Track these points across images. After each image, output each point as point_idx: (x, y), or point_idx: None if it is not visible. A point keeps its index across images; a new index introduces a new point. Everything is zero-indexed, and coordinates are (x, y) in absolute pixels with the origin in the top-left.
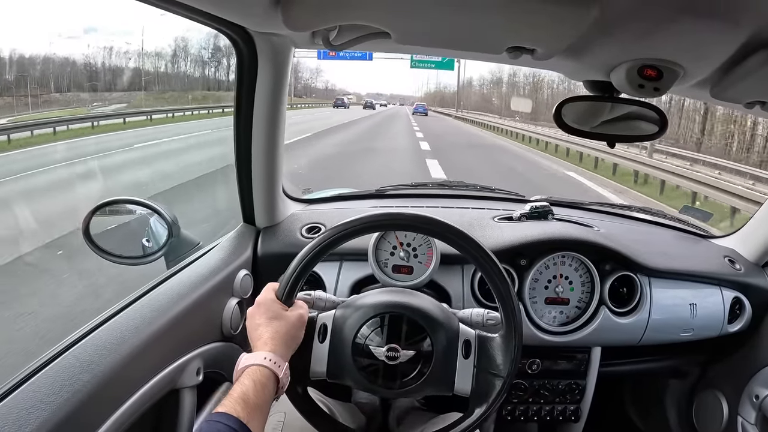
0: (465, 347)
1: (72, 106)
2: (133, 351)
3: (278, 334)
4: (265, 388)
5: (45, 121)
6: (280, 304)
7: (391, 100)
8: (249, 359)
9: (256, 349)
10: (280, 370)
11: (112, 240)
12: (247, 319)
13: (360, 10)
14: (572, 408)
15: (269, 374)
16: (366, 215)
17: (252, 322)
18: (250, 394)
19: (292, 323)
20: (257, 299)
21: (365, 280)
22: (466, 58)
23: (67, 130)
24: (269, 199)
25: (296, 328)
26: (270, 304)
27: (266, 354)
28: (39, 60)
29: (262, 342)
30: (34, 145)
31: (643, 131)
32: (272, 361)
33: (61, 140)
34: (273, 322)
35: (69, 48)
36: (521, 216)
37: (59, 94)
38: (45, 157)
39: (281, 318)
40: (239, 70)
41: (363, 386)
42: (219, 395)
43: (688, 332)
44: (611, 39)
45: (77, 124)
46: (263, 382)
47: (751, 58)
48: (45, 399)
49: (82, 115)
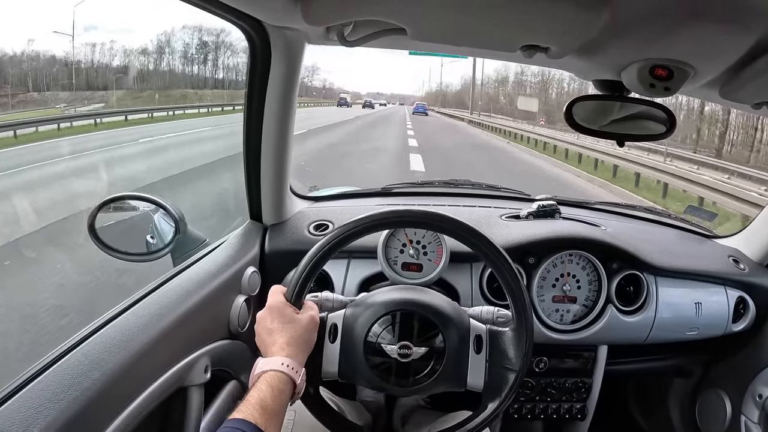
0: (476, 342)
1: (48, 106)
2: (142, 348)
3: (293, 339)
4: (283, 393)
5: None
6: (291, 307)
7: (391, 99)
8: (266, 364)
9: (271, 354)
10: (298, 376)
11: (117, 236)
12: (257, 324)
13: (378, 5)
14: (578, 406)
15: (287, 380)
16: (376, 212)
17: (263, 326)
18: (268, 400)
19: (306, 326)
20: (268, 303)
21: (373, 277)
22: (479, 56)
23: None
24: (277, 196)
25: (310, 331)
26: (282, 308)
27: (283, 359)
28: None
29: (278, 347)
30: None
31: (651, 131)
32: (290, 366)
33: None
34: (287, 326)
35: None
36: (529, 214)
37: (38, 93)
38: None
39: (295, 322)
40: (251, 65)
41: (375, 385)
42: (226, 393)
43: (693, 331)
44: (624, 39)
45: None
46: (281, 387)
47: (760, 60)
48: (53, 398)
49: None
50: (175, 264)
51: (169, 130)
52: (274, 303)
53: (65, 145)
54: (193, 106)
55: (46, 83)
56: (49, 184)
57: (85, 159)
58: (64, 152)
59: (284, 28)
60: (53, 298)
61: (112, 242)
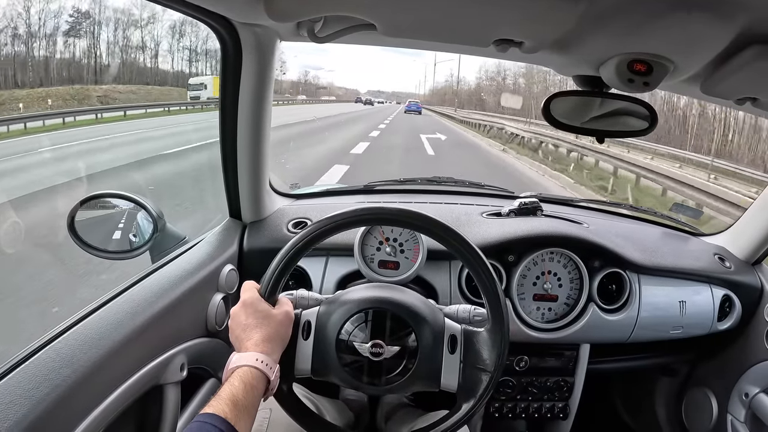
0: (451, 342)
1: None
2: (115, 346)
3: (268, 335)
4: (255, 389)
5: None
6: (266, 303)
7: (390, 98)
8: (240, 360)
9: (245, 350)
10: (272, 372)
11: (97, 234)
12: (231, 319)
13: (344, 1)
14: (561, 405)
15: (260, 376)
16: (350, 209)
17: (237, 321)
18: (240, 396)
19: (281, 322)
20: (242, 299)
21: (352, 275)
22: (452, 52)
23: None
24: (255, 194)
25: (285, 327)
26: (257, 303)
27: (258, 355)
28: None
29: (252, 343)
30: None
31: (633, 127)
32: (264, 363)
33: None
34: (263, 322)
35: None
36: (510, 212)
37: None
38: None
39: (270, 318)
40: (223, 63)
41: (348, 383)
42: (204, 391)
43: (677, 330)
44: (600, 32)
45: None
46: (253, 384)
47: (742, 53)
48: (25, 394)
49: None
50: (153, 261)
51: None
52: (248, 298)
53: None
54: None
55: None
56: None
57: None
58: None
59: (253, 26)
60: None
61: (91, 239)
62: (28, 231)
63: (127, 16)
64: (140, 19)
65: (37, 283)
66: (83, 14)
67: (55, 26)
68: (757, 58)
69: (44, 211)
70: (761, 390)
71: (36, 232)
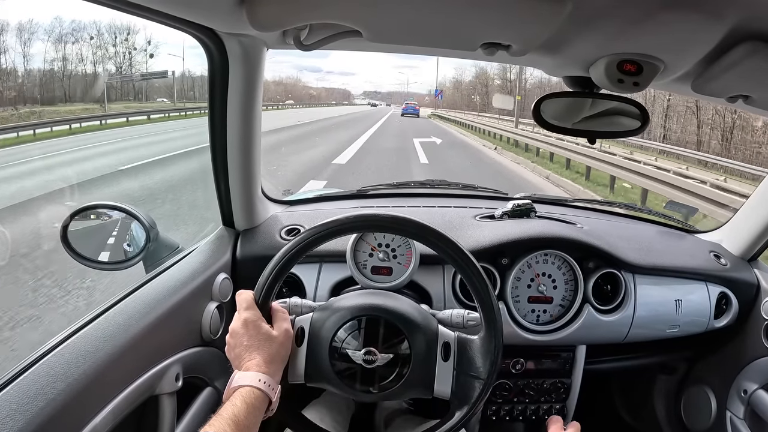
0: (444, 350)
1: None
2: (109, 358)
3: (271, 357)
4: (257, 410)
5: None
6: (266, 323)
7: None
8: (242, 379)
9: (247, 369)
10: (274, 393)
11: (90, 245)
12: (231, 337)
13: (327, 9)
14: (558, 407)
15: (263, 397)
16: (341, 217)
17: (239, 341)
18: (241, 416)
19: (282, 343)
20: (243, 317)
21: (345, 281)
22: (440, 56)
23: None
24: (248, 202)
25: (285, 348)
26: (259, 325)
27: (261, 376)
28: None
29: (254, 363)
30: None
31: (624, 127)
32: (266, 383)
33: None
34: (264, 344)
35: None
36: (503, 214)
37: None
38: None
39: (272, 340)
40: (210, 73)
41: (341, 390)
42: (200, 401)
43: (674, 329)
44: (588, 34)
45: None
46: (255, 405)
47: (733, 51)
48: (20, 409)
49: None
50: (147, 272)
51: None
52: (249, 318)
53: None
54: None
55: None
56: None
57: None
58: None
59: (239, 35)
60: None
61: (84, 251)
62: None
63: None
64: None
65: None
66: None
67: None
68: (748, 55)
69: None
70: (760, 386)
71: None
